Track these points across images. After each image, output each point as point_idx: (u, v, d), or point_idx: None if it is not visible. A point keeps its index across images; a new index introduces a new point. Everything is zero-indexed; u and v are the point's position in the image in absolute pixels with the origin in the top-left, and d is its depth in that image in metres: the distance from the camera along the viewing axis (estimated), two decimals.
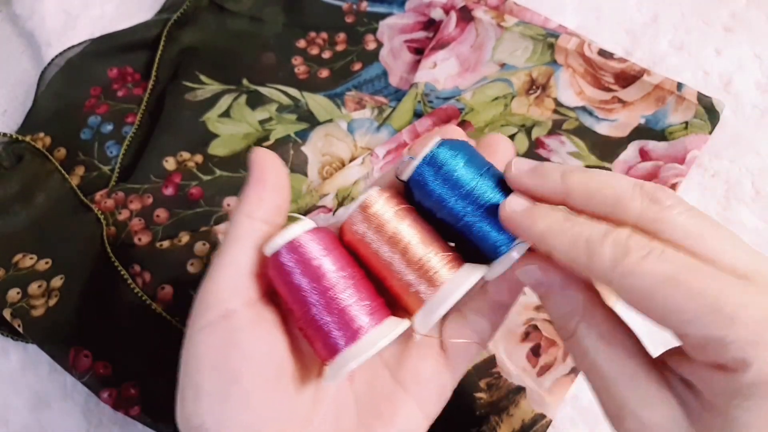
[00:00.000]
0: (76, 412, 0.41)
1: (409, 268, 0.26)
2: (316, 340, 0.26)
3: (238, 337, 0.25)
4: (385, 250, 0.26)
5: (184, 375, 0.26)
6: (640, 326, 0.40)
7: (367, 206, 0.27)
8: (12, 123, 0.54)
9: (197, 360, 0.25)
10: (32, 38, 0.57)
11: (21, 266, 0.43)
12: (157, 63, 0.53)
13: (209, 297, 0.26)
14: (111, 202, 0.47)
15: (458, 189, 0.26)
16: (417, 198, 0.27)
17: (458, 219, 0.26)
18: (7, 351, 0.43)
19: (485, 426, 0.37)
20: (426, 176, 0.27)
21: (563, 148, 0.46)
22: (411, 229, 0.27)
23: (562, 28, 0.51)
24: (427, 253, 0.26)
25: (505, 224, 0.26)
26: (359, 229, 0.27)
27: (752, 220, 0.42)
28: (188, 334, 0.26)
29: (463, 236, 0.27)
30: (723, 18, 0.51)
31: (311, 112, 0.51)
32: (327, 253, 0.26)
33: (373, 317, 0.26)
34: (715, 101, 0.45)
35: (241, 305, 0.26)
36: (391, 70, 0.53)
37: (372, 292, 0.27)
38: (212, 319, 0.25)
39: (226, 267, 0.26)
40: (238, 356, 0.25)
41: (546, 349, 0.39)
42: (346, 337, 0.25)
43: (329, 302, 0.26)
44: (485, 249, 0.27)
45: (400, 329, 0.26)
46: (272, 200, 0.28)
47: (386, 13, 0.56)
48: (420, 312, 0.26)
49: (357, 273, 0.27)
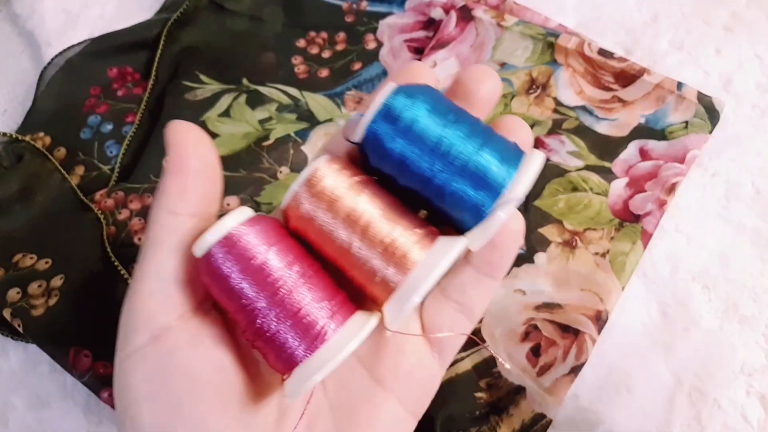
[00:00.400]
0: (76, 412, 0.41)
1: (372, 251, 0.22)
2: (268, 352, 0.22)
3: (175, 360, 0.22)
4: (341, 233, 0.22)
5: (120, 410, 0.22)
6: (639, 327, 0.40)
7: (314, 181, 0.22)
8: (12, 122, 0.54)
9: (131, 391, 0.21)
10: (32, 38, 0.57)
11: (21, 266, 0.43)
12: (157, 62, 0.53)
13: (135, 316, 0.22)
14: (111, 202, 0.47)
15: (423, 144, 0.22)
16: (374, 163, 0.23)
17: (426, 181, 0.22)
18: (7, 351, 0.43)
19: (485, 426, 0.37)
20: (381, 133, 0.22)
21: (563, 148, 0.46)
22: (370, 203, 0.22)
23: (562, 28, 0.51)
24: (393, 230, 0.22)
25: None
26: (307, 209, 0.22)
27: (752, 220, 0.42)
28: (117, 363, 0.22)
29: (435, 202, 0.23)
30: (723, 17, 0.51)
31: (311, 112, 0.51)
32: (270, 247, 0.22)
33: (335, 317, 0.22)
34: (715, 101, 0.45)
35: (174, 320, 0.22)
36: (391, 69, 0.53)
37: (330, 287, 0.23)
38: (142, 342, 0.22)
39: (150, 277, 0.22)
40: (178, 382, 0.21)
41: (546, 349, 0.39)
42: (304, 346, 0.21)
43: (280, 307, 0.21)
44: (463, 213, 0.22)
45: (369, 328, 0.22)
46: (198, 188, 0.23)
47: (386, 13, 0.56)
48: (390, 303, 0.22)
49: (310, 266, 0.22)
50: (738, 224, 0.42)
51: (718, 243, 0.42)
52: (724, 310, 0.39)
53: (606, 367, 0.39)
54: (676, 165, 0.44)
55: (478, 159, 0.22)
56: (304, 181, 0.22)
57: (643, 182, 0.44)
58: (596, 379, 0.39)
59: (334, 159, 0.23)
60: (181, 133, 0.23)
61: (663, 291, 0.41)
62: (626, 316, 0.40)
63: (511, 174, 0.22)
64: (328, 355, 0.21)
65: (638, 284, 0.41)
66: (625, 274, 0.40)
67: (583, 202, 0.44)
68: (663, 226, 0.42)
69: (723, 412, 0.37)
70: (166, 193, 0.23)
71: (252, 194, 0.47)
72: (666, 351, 0.39)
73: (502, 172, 0.22)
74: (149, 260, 0.22)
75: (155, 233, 0.23)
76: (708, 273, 0.41)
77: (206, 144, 0.23)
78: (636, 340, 0.39)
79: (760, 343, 0.38)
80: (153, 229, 0.23)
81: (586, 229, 0.42)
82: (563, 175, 0.45)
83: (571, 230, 0.43)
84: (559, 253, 0.42)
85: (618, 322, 0.40)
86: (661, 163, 0.44)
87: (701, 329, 0.39)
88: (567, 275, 0.41)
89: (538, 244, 0.42)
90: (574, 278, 0.41)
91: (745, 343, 0.38)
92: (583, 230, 0.42)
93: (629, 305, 0.41)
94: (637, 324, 0.40)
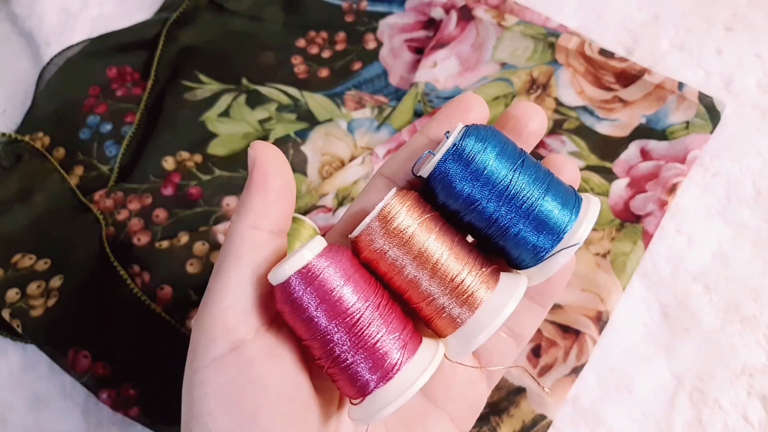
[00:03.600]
0: (75, 412, 0.41)
1: (440, 289, 0.23)
2: (341, 380, 0.23)
3: (253, 371, 0.22)
4: (411, 269, 0.23)
5: (191, 418, 0.22)
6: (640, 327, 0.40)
7: (387, 218, 0.23)
8: (11, 122, 0.53)
9: (206, 400, 0.22)
10: (31, 38, 0.57)
11: (20, 266, 0.43)
12: (156, 62, 0.53)
13: (214, 327, 0.22)
14: (110, 202, 0.46)
15: (491, 187, 0.23)
16: (441, 200, 0.24)
17: (492, 221, 0.23)
18: (6, 351, 0.43)
19: (485, 426, 0.37)
20: (451, 174, 0.23)
21: (564, 148, 0.46)
22: (440, 242, 0.23)
23: (562, 28, 0.51)
24: (461, 271, 0.23)
25: None
26: (379, 245, 0.23)
27: (753, 220, 0.42)
28: (191, 373, 0.22)
29: (497, 240, 0.24)
30: (724, 17, 0.51)
31: (311, 112, 0.51)
32: (346, 281, 0.22)
33: (407, 348, 0.23)
34: (716, 101, 0.45)
35: (252, 334, 0.22)
36: (391, 69, 0.53)
37: (401, 319, 0.23)
38: (220, 353, 0.22)
39: (230, 290, 0.22)
40: (254, 393, 0.22)
41: (546, 349, 0.39)
42: (378, 377, 0.22)
43: (356, 338, 0.22)
44: (524, 253, 0.23)
45: (437, 361, 0.23)
46: (278, 206, 0.24)
47: (386, 13, 0.56)
48: (455, 337, 0.23)
49: (382, 298, 0.23)
50: (739, 224, 0.42)
51: (719, 243, 0.42)
52: (725, 311, 0.39)
53: (607, 367, 0.39)
54: (677, 165, 0.43)
55: (543, 204, 0.23)
56: (378, 216, 0.23)
57: (643, 182, 0.43)
58: (597, 380, 0.39)
59: (404, 194, 0.24)
60: (264, 151, 0.24)
61: (664, 291, 0.41)
62: (627, 316, 0.40)
63: (572, 219, 0.23)
64: (399, 386, 0.22)
65: (639, 285, 0.41)
66: (626, 274, 0.40)
67: None
68: (664, 227, 0.42)
69: (724, 412, 0.37)
70: (249, 209, 0.23)
71: None
72: (667, 351, 0.39)
73: (564, 217, 0.23)
74: (230, 272, 0.23)
75: (236, 246, 0.23)
76: (709, 273, 0.41)
77: (285, 164, 0.24)
78: (637, 341, 0.39)
79: (761, 343, 0.38)
80: (234, 242, 0.23)
81: None
82: None
83: None
84: None
85: (619, 323, 0.40)
86: (662, 164, 0.44)
87: (702, 330, 0.39)
88: None
89: None
90: (575, 279, 0.41)
91: (746, 343, 0.38)
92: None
93: (630, 306, 0.40)
94: (638, 324, 0.40)
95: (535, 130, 0.25)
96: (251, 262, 0.23)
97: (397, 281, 0.23)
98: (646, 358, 0.39)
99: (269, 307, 0.23)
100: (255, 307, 0.23)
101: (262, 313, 0.23)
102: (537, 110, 0.26)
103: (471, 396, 0.27)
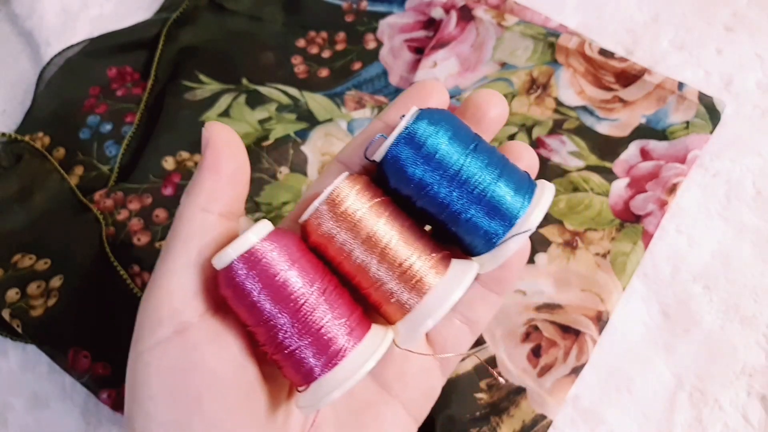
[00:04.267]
0: (75, 412, 0.41)
1: (389, 274, 0.23)
2: (286, 366, 0.22)
3: (197, 356, 0.21)
4: (360, 253, 0.23)
5: (132, 403, 0.21)
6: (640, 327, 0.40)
7: (335, 202, 0.23)
8: (11, 122, 0.53)
9: (148, 385, 0.21)
10: (31, 37, 0.57)
11: (20, 266, 0.43)
12: (156, 62, 0.53)
13: (159, 309, 0.22)
14: (110, 202, 0.46)
15: (443, 171, 0.22)
16: (393, 184, 0.23)
17: (444, 206, 0.23)
18: (6, 351, 0.43)
19: (485, 427, 0.37)
20: (403, 157, 0.22)
21: (564, 148, 0.46)
22: (389, 227, 0.23)
23: (562, 28, 0.51)
24: (411, 254, 0.23)
25: None
26: (327, 228, 0.23)
27: (753, 220, 0.42)
28: (134, 356, 0.22)
29: (449, 226, 0.23)
30: (724, 17, 0.51)
31: (311, 112, 0.51)
32: (291, 265, 0.22)
33: (354, 334, 0.22)
34: (716, 101, 0.45)
35: (197, 317, 0.22)
36: (391, 69, 0.53)
37: (348, 305, 0.23)
38: (164, 336, 0.21)
39: (177, 272, 0.22)
40: (198, 377, 0.21)
41: (546, 349, 0.39)
42: (323, 363, 0.22)
43: (301, 324, 0.21)
44: (476, 239, 0.23)
45: (385, 347, 0.22)
46: (230, 188, 0.23)
47: (386, 12, 0.56)
48: (404, 323, 0.23)
49: (329, 282, 0.23)
50: (739, 224, 0.42)
51: (719, 243, 0.42)
52: (725, 311, 0.39)
53: (607, 367, 0.39)
54: (677, 165, 0.43)
55: (495, 189, 0.23)
56: (326, 200, 0.23)
57: (643, 182, 0.44)
58: (597, 380, 0.39)
59: (354, 178, 0.23)
60: (217, 133, 0.23)
61: (664, 291, 0.41)
62: (627, 316, 0.40)
63: (525, 206, 0.23)
64: (345, 372, 0.21)
65: (639, 285, 0.41)
66: (626, 274, 0.40)
67: (583, 202, 0.44)
68: (664, 227, 0.42)
69: (724, 412, 0.37)
70: (199, 191, 0.23)
71: (252, 194, 0.47)
72: (667, 351, 0.39)
73: (516, 203, 0.23)
74: (177, 255, 0.22)
75: (185, 229, 0.22)
76: (709, 273, 0.41)
77: (240, 146, 0.24)
78: (637, 341, 0.39)
79: (761, 343, 0.38)
80: (183, 224, 0.23)
81: (586, 230, 0.42)
82: (564, 176, 0.45)
83: (572, 230, 0.43)
84: (560, 253, 0.42)
85: (619, 323, 0.40)
86: (662, 164, 0.44)
87: (702, 330, 0.39)
88: (568, 276, 0.41)
89: (539, 244, 0.42)
90: (575, 279, 0.41)
91: (746, 343, 0.38)
92: (583, 230, 0.42)
93: (630, 306, 0.40)
94: (638, 324, 0.40)
95: (495, 118, 0.25)
96: (199, 244, 0.22)
97: (346, 266, 0.23)
98: (646, 358, 0.39)
99: (217, 291, 0.23)
100: (201, 290, 0.22)
101: (209, 298, 0.22)
102: (498, 98, 0.25)
103: (424, 383, 0.27)
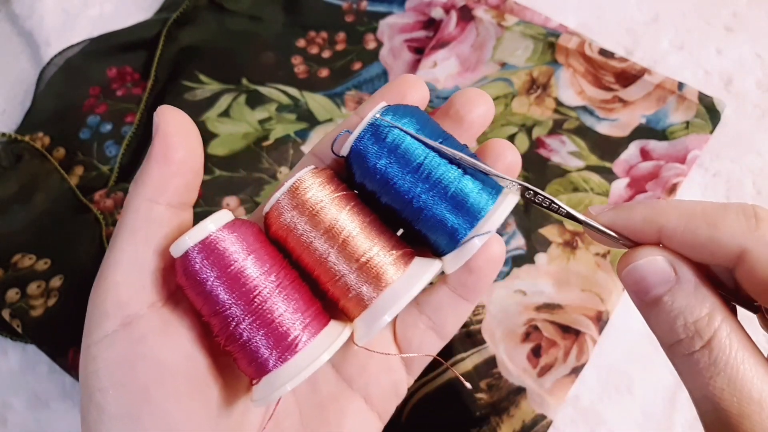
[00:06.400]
0: (75, 412, 0.41)
1: (348, 267, 0.22)
2: (240, 357, 0.22)
3: (145, 348, 0.21)
4: (319, 245, 0.22)
5: (84, 395, 0.21)
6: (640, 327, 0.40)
7: (297, 191, 0.22)
8: (11, 122, 0.53)
9: (98, 378, 0.21)
10: (31, 38, 0.57)
11: (20, 266, 0.43)
12: (156, 62, 0.53)
13: (106, 302, 0.21)
14: (110, 202, 0.46)
15: (406, 165, 0.22)
16: (358, 179, 0.23)
17: (407, 202, 0.23)
18: (6, 351, 0.43)
19: (485, 426, 0.37)
20: (366, 151, 0.22)
21: (564, 148, 0.46)
22: (351, 219, 0.22)
23: (562, 28, 0.51)
24: (371, 248, 0.22)
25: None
26: (288, 218, 0.22)
27: None
28: (84, 349, 0.22)
29: (413, 223, 0.23)
30: (724, 17, 0.51)
31: (311, 112, 0.51)
32: (249, 254, 0.22)
33: (309, 328, 0.22)
34: (716, 101, 0.45)
35: (145, 309, 0.22)
36: (391, 69, 0.53)
37: (306, 297, 0.23)
38: (112, 328, 0.21)
39: (123, 264, 0.22)
40: (146, 369, 0.21)
41: (546, 349, 0.39)
42: (276, 355, 0.21)
43: (255, 315, 0.21)
44: (440, 236, 0.23)
45: (340, 342, 0.22)
46: (180, 178, 0.22)
47: (386, 13, 0.56)
48: (361, 319, 0.22)
49: (287, 274, 0.22)
50: None
51: None
52: None
53: (607, 367, 0.39)
54: (677, 165, 0.43)
55: (459, 185, 0.22)
56: (287, 191, 0.22)
57: (643, 182, 0.43)
58: (597, 380, 0.39)
59: (319, 171, 0.23)
60: (168, 119, 0.22)
61: None
62: (627, 316, 0.40)
63: (489, 204, 0.23)
64: (298, 366, 0.21)
65: None
66: None
67: (584, 202, 0.44)
68: None
69: None
70: (147, 181, 0.22)
71: (251, 194, 0.47)
72: None
73: (481, 200, 0.23)
74: (123, 247, 0.22)
75: (131, 220, 0.22)
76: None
77: (193, 132, 0.23)
78: (637, 341, 0.39)
79: (761, 343, 0.38)
80: (129, 216, 0.22)
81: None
82: (564, 176, 0.45)
83: (572, 231, 0.43)
84: (560, 253, 0.42)
85: (619, 323, 0.40)
86: (662, 164, 0.44)
87: None
88: (567, 276, 0.41)
89: (539, 244, 0.42)
90: (575, 279, 0.41)
91: None
92: (583, 231, 0.42)
93: (630, 306, 0.40)
94: (638, 324, 0.40)
95: (477, 119, 0.25)
96: (146, 236, 0.22)
97: (306, 259, 0.23)
98: (646, 358, 0.39)
99: (167, 282, 0.22)
100: (149, 282, 0.22)
101: (158, 288, 0.22)
102: (482, 98, 0.25)
103: (387, 380, 0.27)
